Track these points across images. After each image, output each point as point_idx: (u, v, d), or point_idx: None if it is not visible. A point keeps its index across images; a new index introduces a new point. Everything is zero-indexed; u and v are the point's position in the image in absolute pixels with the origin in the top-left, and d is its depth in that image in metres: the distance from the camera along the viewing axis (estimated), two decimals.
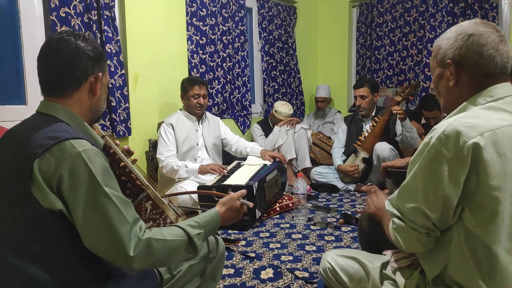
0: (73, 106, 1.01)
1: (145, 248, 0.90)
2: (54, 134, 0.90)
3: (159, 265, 1.00)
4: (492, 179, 0.82)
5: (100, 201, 0.87)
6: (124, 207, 0.89)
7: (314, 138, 3.97)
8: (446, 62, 0.97)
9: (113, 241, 0.86)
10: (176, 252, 0.97)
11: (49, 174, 0.86)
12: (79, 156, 0.87)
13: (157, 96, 3.25)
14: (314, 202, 3.02)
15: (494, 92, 0.92)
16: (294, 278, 1.72)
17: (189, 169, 2.73)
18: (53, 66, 1.00)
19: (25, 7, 2.49)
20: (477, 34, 0.93)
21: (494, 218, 0.82)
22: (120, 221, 0.87)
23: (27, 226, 0.86)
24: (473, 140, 0.82)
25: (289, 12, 4.51)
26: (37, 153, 0.86)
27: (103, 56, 1.08)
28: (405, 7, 4.19)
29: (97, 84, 1.04)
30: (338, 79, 4.81)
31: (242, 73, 3.97)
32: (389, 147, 3.09)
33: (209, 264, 1.23)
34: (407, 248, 0.95)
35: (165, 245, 0.94)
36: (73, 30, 1.07)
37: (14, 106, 2.50)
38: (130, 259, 0.87)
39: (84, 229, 0.87)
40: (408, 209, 0.92)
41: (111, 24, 2.78)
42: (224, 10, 3.72)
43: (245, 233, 2.33)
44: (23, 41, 2.50)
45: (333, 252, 1.25)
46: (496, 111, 0.89)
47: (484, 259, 0.84)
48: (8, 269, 0.86)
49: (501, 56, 0.92)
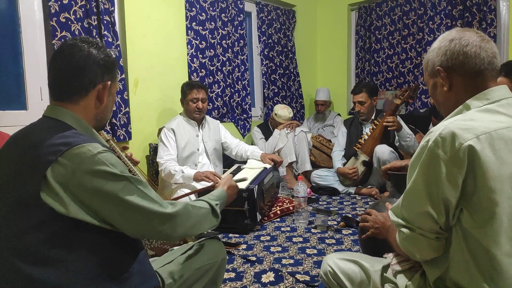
0: (79, 113, 1.01)
1: (183, 210, 1.04)
2: (66, 140, 0.91)
3: (195, 230, 1.10)
4: (489, 181, 0.82)
5: (130, 192, 0.93)
6: (149, 190, 0.98)
7: (314, 141, 3.98)
8: (436, 69, 1.00)
9: (150, 217, 0.95)
10: (206, 218, 1.13)
11: (66, 179, 0.87)
12: (97, 157, 0.90)
13: (157, 100, 3.25)
14: (314, 205, 3.03)
15: (491, 95, 0.93)
16: (295, 281, 1.72)
17: (185, 175, 2.72)
18: (63, 71, 1.00)
19: (25, 12, 2.50)
20: (458, 37, 0.97)
21: (491, 220, 0.83)
22: (151, 201, 0.97)
23: (36, 231, 0.86)
24: (468, 143, 0.83)
25: (288, 16, 4.53)
26: (51, 159, 0.87)
27: (114, 65, 1.08)
28: (404, 10, 4.20)
29: (104, 93, 1.05)
30: (337, 82, 4.82)
31: (242, 77, 3.97)
32: (389, 150, 3.09)
33: (210, 269, 1.23)
34: (421, 256, 0.94)
35: (198, 211, 1.10)
36: (88, 37, 1.10)
37: (14, 111, 2.51)
38: (172, 219, 0.99)
39: (121, 220, 0.93)
40: (415, 215, 0.92)
41: (111, 29, 2.79)
42: (224, 14, 3.74)
43: (246, 237, 2.33)
44: (23, 46, 2.51)
45: (334, 256, 1.25)
46: (492, 113, 0.90)
47: (484, 261, 0.84)
48: (13, 274, 0.86)
49: (485, 51, 0.95)
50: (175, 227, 1.01)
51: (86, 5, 2.65)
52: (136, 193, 0.94)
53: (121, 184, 0.92)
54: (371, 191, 3.29)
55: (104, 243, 0.94)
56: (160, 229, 0.98)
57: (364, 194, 3.34)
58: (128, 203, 0.92)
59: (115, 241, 0.96)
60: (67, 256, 0.88)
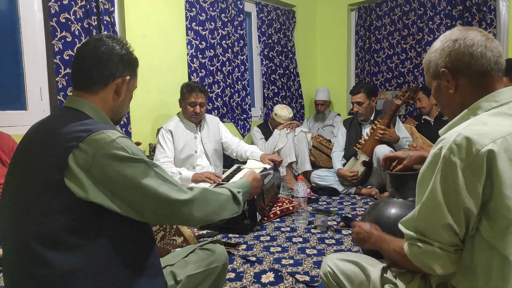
0: (97, 103, 1.05)
1: (201, 195, 1.04)
2: (86, 127, 0.93)
3: (215, 216, 1.10)
4: (506, 188, 0.79)
5: (149, 176, 0.95)
6: (166, 173, 1.00)
7: (314, 141, 3.98)
8: (440, 71, 0.96)
9: (168, 201, 0.96)
10: (226, 204, 1.13)
11: (88, 165, 0.89)
12: (115, 142, 0.92)
13: (157, 101, 3.25)
14: (314, 206, 3.02)
15: (499, 97, 0.90)
16: (295, 281, 1.72)
17: (183, 176, 2.71)
18: (86, 61, 1.05)
19: (25, 13, 2.50)
20: (462, 37, 0.94)
21: (509, 227, 0.80)
22: (170, 184, 0.98)
23: (57, 216, 0.89)
24: (487, 148, 0.79)
25: (288, 16, 4.53)
26: (73, 145, 0.90)
27: (135, 62, 1.13)
28: (404, 10, 4.21)
29: (123, 87, 1.08)
30: (337, 82, 4.82)
31: (242, 77, 3.98)
32: (389, 150, 3.09)
33: (212, 273, 1.23)
34: (443, 271, 0.88)
35: (217, 197, 1.10)
36: (113, 34, 1.14)
37: (14, 111, 2.51)
38: (189, 203, 0.99)
39: (140, 204, 0.94)
40: (433, 228, 0.87)
41: (110, 29, 2.79)
42: (224, 14, 3.74)
43: (245, 237, 2.33)
44: (23, 46, 2.51)
45: (334, 256, 1.25)
46: (504, 116, 0.87)
47: (498, 268, 0.82)
48: (30, 256, 0.88)
49: (491, 51, 0.92)
50: (192, 211, 1.01)
51: (86, 6, 2.66)
52: (155, 177, 0.96)
53: (140, 168, 0.94)
54: (371, 191, 3.30)
55: (122, 232, 0.96)
56: (179, 213, 1.00)
57: (364, 194, 3.34)
58: (147, 187, 0.94)
59: (133, 232, 0.98)
60: (85, 242, 0.90)
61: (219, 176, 2.73)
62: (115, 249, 0.94)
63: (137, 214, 0.95)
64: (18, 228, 0.92)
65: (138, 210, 0.95)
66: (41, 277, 0.88)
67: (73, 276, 0.89)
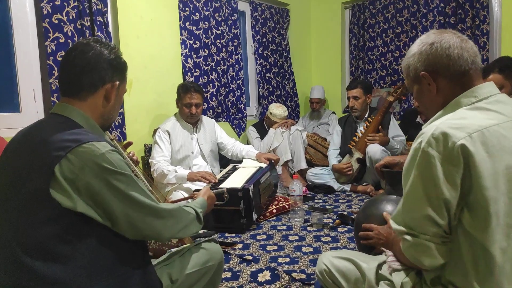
0: (86, 110, 1.03)
1: (177, 212, 1.09)
2: (75, 137, 0.92)
3: (182, 233, 1.12)
4: (484, 180, 0.82)
5: (133, 189, 0.96)
6: (147, 189, 1.02)
7: (309, 140, 3.99)
8: (421, 75, 0.99)
9: (148, 211, 0.99)
10: (192, 223, 1.17)
11: (74, 176, 0.88)
12: (105, 156, 0.91)
13: (151, 101, 3.24)
14: (310, 204, 3.03)
15: (478, 92, 0.93)
16: (291, 280, 1.73)
17: (178, 174, 2.70)
18: (74, 67, 1.02)
19: (17, 14, 2.48)
20: (438, 40, 0.97)
21: (489, 218, 0.82)
22: (150, 198, 1.01)
23: (44, 227, 0.87)
24: (461, 141, 0.83)
25: (282, 15, 4.53)
26: (60, 155, 0.88)
27: (125, 67, 1.12)
28: (397, 7, 4.22)
29: (113, 92, 1.06)
30: (332, 80, 4.83)
31: (237, 76, 3.97)
32: (381, 149, 3.10)
33: (207, 272, 1.23)
34: (432, 263, 0.89)
35: (187, 216, 1.14)
36: (101, 38, 1.13)
37: (8, 113, 2.49)
38: (166, 216, 1.03)
39: (123, 218, 0.94)
40: (417, 220, 0.89)
41: (104, 30, 2.78)
42: (217, 13, 3.73)
43: (242, 236, 2.33)
44: (15, 48, 2.49)
45: (329, 254, 1.25)
46: (482, 111, 0.90)
47: (481, 259, 0.84)
48: (17, 268, 0.87)
49: (467, 52, 0.95)
50: (166, 225, 1.04)
51: (78, 6, 2.64)
52: (138, 190, 0.98)
53: (126, 181, 0.95)
54: (366, 188, 3.31)
55: (111, 240, 0.95)
56: (154, 224, 1.00)
57: (359, 192, 3.35)
58: (131, 198, 0.95)
59: (122, 239, 0.98)
60: (73, 252, 0.89)
61: (214, 175, 2.73)
62: (105, 258, 0.93)
63: (118, 227, 0.95)
64: (5, 239, 0.90)
65: (120, 223, 0.95)
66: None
67: (62, 286, 0.87)
